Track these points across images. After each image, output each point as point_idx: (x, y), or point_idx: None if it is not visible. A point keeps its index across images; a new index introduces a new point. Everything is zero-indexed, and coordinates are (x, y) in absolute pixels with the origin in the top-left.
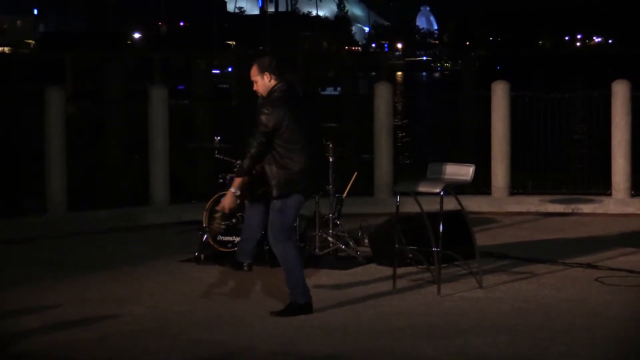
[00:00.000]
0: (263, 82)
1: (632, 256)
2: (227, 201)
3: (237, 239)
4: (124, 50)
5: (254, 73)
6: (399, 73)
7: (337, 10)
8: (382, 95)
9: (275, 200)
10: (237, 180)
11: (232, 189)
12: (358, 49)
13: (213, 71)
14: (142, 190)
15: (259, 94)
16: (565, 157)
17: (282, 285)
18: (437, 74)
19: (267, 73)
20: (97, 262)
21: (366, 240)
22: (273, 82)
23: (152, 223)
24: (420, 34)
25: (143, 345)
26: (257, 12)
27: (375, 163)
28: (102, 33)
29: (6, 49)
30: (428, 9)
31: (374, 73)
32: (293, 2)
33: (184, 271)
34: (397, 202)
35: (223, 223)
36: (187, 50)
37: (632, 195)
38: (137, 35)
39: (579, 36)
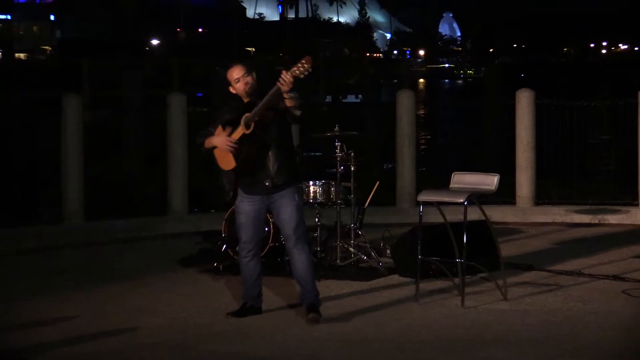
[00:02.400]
0: (254, 81)
1: None
2: (219, 141)
3: None
4: (142, 57)
5: (243, 72)
6: (421, 80)
7: (358, 16)
8: (404, 103)
9: (296, 195)
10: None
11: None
12: (380, 55)
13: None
14: (161, 199)
15: (247, 94)
16: (591, 167)
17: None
18: (459, 82)
19: (254, 73)
20: (114, 273)
21: (388, 251)
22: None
23: (170, 233)
24: (443, 40)
25: (162, 357)
26: (277, 18)
27: (397, 172)
28: (121, 40)
29: (22, 55)
30: (451, 15)
31: (395, 80)
32: (314, 7)
33: (203, 282)
34: (420, 212)
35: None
36: (206, 57)
37: None
38: (155, 42)
39: (604, 43)
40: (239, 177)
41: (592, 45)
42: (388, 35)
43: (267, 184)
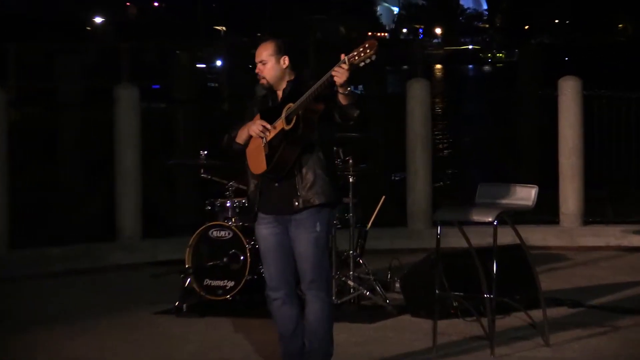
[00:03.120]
0: (276, 67)
1: None
2: (252, 125)
3: (230, 284)
4: (82, 40)
5: (267, 52)
6: (438, 66)
7: None
8: (417, 96)
9: (318, 223)
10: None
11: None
12: (385, 35)
13: (197, 65)
14: (107, 220)
15: (261, 81)
16: None
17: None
18: (487, 67)
19: (286, 57)
20: (48, 315)
21: (397, 285)
22: (289, 73)
23: (119, 263)
24: (466, 15)
25: None
26: None
27: (408, 184)
28: (55, 17)
29: None
30: None
31: (405, 67)
32: None
33: (161, 326)
34: (437, 234)
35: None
36: (163, 39)
37: None
38: (99, 20)
39: None
40: (262, 186)
41: None
42: (395, 10)
43: (296, 203)
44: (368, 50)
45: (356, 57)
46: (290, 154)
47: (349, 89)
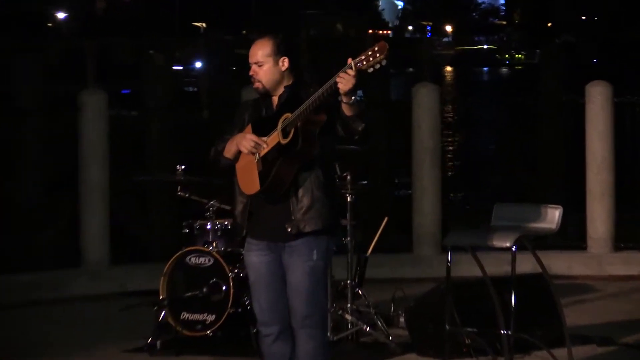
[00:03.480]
0: (274, 70)
1: None
2: (241, 138)
3: (210, 317)
4: (43, 38)
5: (264, 51)
6: (449, 68)
7: None
8: (424, 103)
9: (315, 251)
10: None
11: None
12: (388, 33)
13: (174, 67)
14: (70, 245)
15: (256, 85)
16: None
17: None
18: (504, 70)
19: (285, 59)
20: (1, 352)
21: (402, 319)
22: (288, 76)
23: (84, 294)
24: (480, 10)
25: None
26: None
27: (414, 203)
28: (12, 11)
29: None
30: None
31: (411, 69)
32: None
33: None
34: (447, 261)
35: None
36: (135, 37)
37: None
38: (62, 15)
39: None
40: (252, 208)
41: None
42: (400, 4)
43: (288, 229)
44: (378, 55)
45: (364, 62)
46: (287, 172)
47: (353, 98)
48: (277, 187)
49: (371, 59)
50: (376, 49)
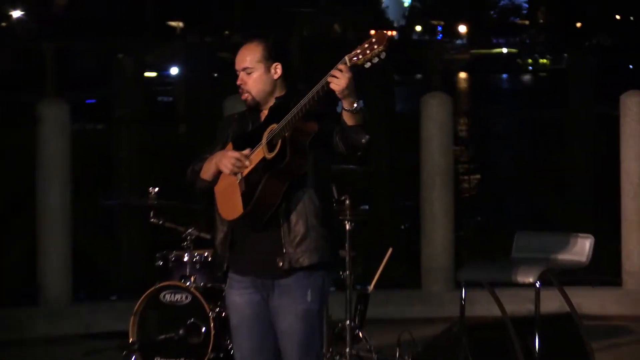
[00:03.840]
0: (265, 78)
1: None
2: (220, 156)
3: None
4: None
5: (254, 56)
6: (462, 75)
7: None
8: (435, 115)
9: (309, 291)
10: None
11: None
12: (393, 34)
13: (146, 74)
14: (27, 279)
15: (244, 96)
16: None
17: None
18: (526, 77)
19: (278, 65)
20: None
21: None
22: (281, 86)
23: (42, 335)
24: (499, 9)
25: None
26: None
27: (423, 232)
28: None
29: None
30: None
31: (419, 76)
32: None
33: None
34: (461, 299)
35: None
36: (101, 39)
37: None
38: (17, 15)
39: None
40: (236, 238)
41: None
42: (406, 1)
43: (280, 263)
44: (376, 46)
45: (360, 56)
46: (274, 191)
47: (356, 105)
48: (263, 209)
49: (368, 51)
50: (373, 40)
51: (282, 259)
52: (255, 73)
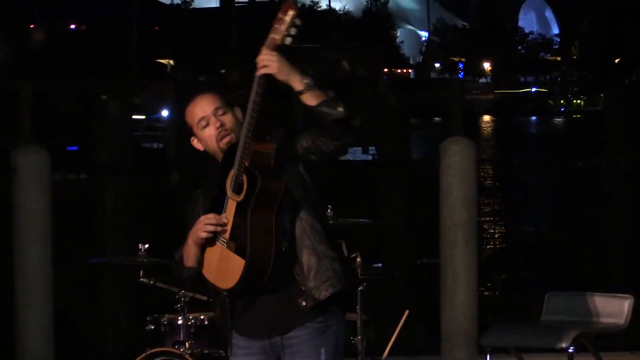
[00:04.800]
0: (234, 119)
1: None
2: (192, 234)
3: None
4: None
5: (212, 105)
6: (486, 118)
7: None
8: (456, 164)
9: (323, 350)
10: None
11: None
12: (408, 72)
13: (133, 117)
14: (4, 340)
15: (227, 138)
16: None
17: None
18: (558, 120)
19: (238, 109)
20: None
21: None
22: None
23: None
24: (528, 43)
25: None
26: (215, 4)
27: (443, 292)
28: None
29: None
30: None
31: (438, 119)
32: None
33: None
34: None
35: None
36: (83, 78)
37: None
38: None
39: None
40: (236, 302)
41: None
42: (424, 35)
43: (303, 303)
44: (285, 16)
45: (276, 36)
46: (264, 221)
47: (306, 80)
48: (262, 256)
49: (281, 26)
50: (279, 14)
51: (304, 298)
52: (228, 113)
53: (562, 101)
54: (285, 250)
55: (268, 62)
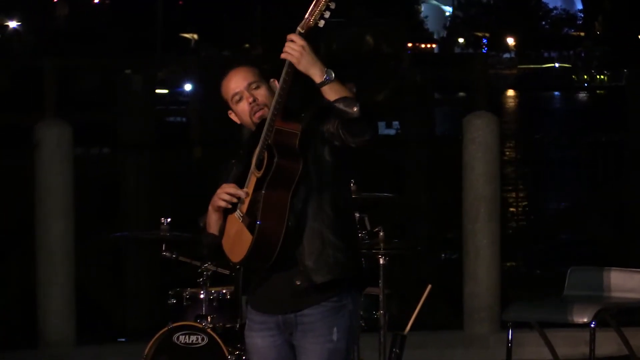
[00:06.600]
0: (269, 93)
1: None
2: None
3: None
4: None
5: (246, 80)
6: (510, 92)
7: None
8: (479, 138)
9: (335, 330)
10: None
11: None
12: (432, 47)
13: (157, 91)
14: (26, 320)
15: (260, 112)
16: None
17: None
18: (582, 95)
19: (274, 80)
20: None
21: None
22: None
23: None
24: (551, 19)
25: None
26: None
27: (465, 267)
28: None
29: None
30: None
31: (462, 94)
32: None
33: None
34: (508, 341)
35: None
36: (106, 53)
37: None
38: (14, 25)
39: None
40: (249, 272)
41: None
42: (448, 10)
43: (297, 282)
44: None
45: (311, 20)
46: (278, 201)
47: (325, 75)
48: (274, 224)
49: (316, 9)
50: None
51: (299, 277)
52: (262, 87)
53: (585, 76)
54: (292, 229)
55: (291, 50)
